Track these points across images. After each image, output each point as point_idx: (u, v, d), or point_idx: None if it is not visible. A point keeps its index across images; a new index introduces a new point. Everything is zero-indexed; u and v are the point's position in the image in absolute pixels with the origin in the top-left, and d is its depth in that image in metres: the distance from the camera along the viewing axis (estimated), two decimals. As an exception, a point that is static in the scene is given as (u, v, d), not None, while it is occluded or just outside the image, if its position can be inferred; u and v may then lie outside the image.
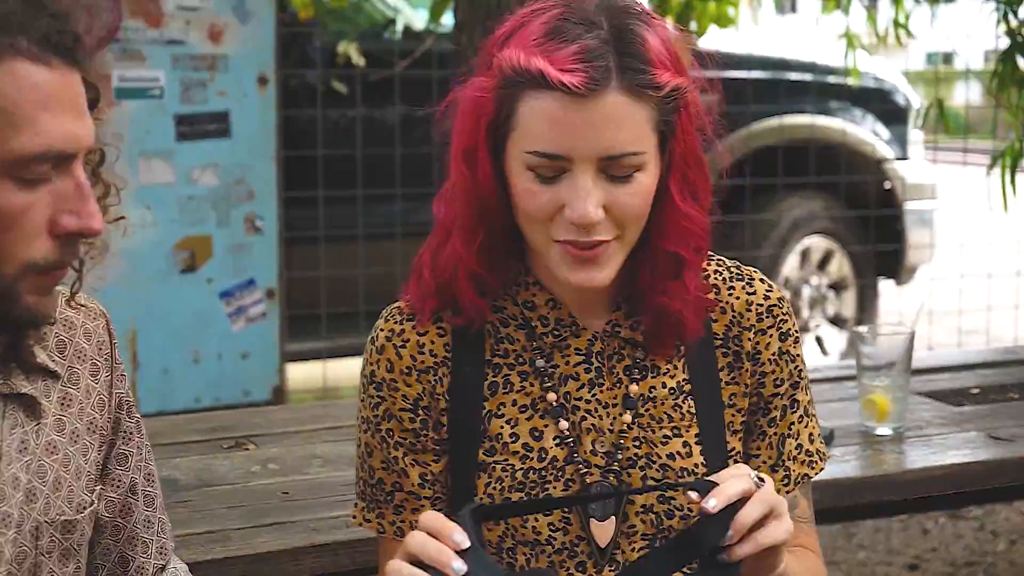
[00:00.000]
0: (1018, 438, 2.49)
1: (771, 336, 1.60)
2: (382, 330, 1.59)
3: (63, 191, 1.31)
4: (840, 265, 5.96)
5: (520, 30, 1.50)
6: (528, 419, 1.56)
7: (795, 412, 1.63)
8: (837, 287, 5.99)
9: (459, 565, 1.27)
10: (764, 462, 1.62)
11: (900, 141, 6.13)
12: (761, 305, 1.60)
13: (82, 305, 1.53)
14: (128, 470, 1.54)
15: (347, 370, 5.24)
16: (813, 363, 5.33)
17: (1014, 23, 4.03)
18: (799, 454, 1.63)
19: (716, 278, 1.61)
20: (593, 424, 1.55)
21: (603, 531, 1.54)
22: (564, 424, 1.55)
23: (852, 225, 5.97)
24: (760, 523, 1.34)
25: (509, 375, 1.57)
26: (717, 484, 1.34)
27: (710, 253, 1.60)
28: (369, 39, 5.34)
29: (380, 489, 1.59)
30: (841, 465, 2.36)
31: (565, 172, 1.45)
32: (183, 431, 2.57)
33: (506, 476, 1.54)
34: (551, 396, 1.55)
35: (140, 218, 4.26)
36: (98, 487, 1.50)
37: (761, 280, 1.63)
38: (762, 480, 1.37)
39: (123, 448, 1.55)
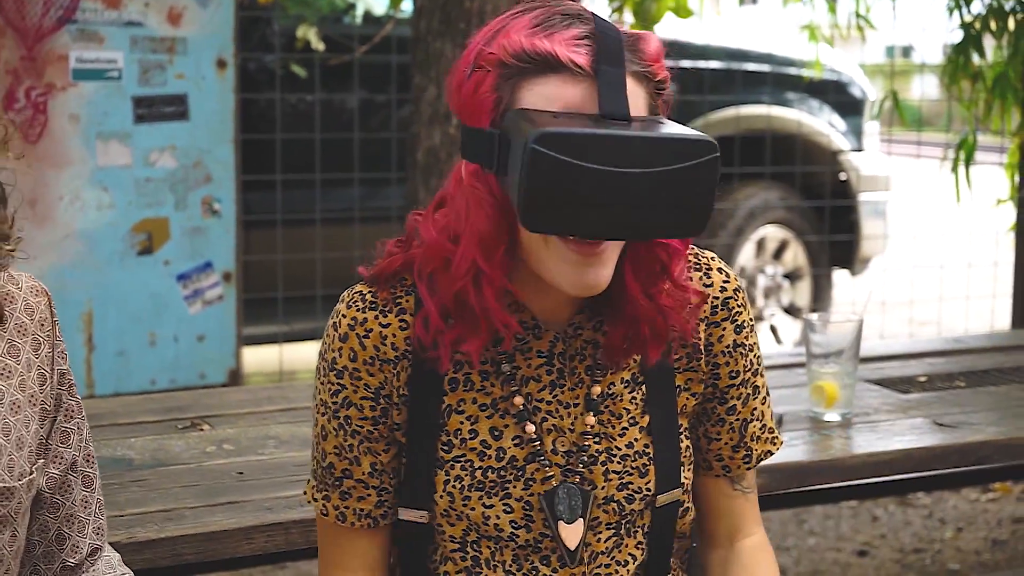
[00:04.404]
0: (962, 425, 2.53)
1: (726, 329, 1.62)
2: (344, 316, 1.57)
3: None
4: (795, 255, 6.01)
5: (506, 28, 1.46)
6: (488, 418, 1.55)
7: (756, 397, 1.67)
8: (792, 276, 6.04)
9: None
10: (726, 443, 1.66)
11: (856, 133, 6.19)
12: (717, 298, 1.62)
13: (24, 282, 1.54)
14: (70, 447, 1.56)
15: (303, 354, 5.25)
16: (766, 351, 5.39)
17: (968, 17, 4.08)
18: (762, 433, 1.68)
19: None
20: (554, 424, 1.56)
21: (572, 533, 1.55)
22: (531, 428, 1.55)
23: (807, 215, 6.02)
24: None
25: (470, 373, 1.56)
26: None
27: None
28: (329, 24, 5.34)
29: (330, 473, 1.60)
30: (789, 450, 2.38)
31: None
32: (138, 411, 2.58)
33: (465, 474, 1.55)
34: (518, 400, 1.55)
35: (97, 200, 4.25)
36: (40, 460, 1.52)
37: (719, 270, 1.63)
38: None
39: (65, 425, 1.56)
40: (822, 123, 6.08)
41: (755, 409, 1.67)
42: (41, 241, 4.12)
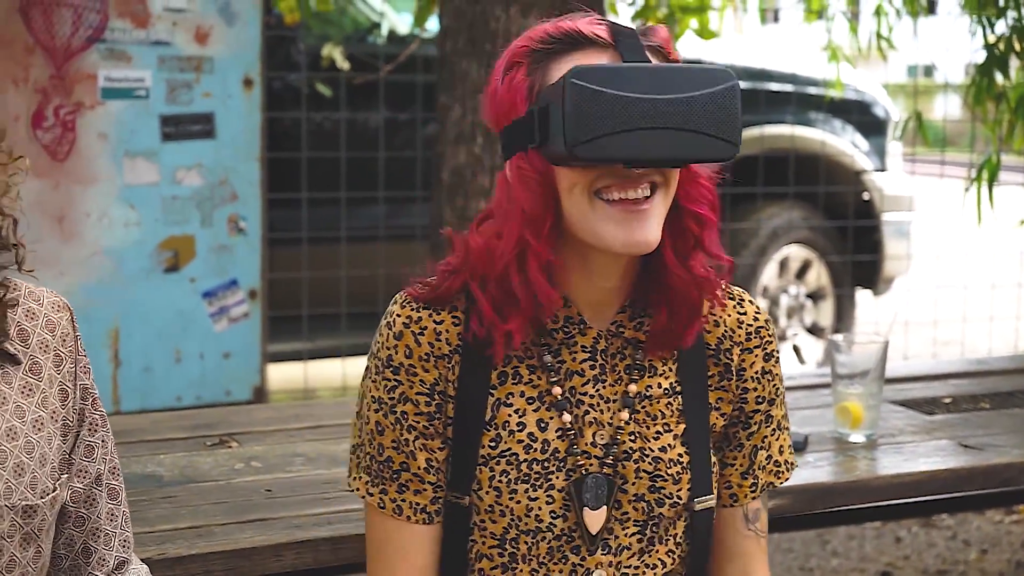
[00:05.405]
0: (987, 446, 2.53)
1: (756, 355, 1.71)
2: (399, 315, 1.63)
3: None
4: (818, 275, 6.00)
5: (527, 32, 1.59)
6: (535, 410, 1.62)
7: (768, 426, 1.74)
8: (815, 296, 6.04)
9: None
10: (737, 469, 1.73)
11: (879, 153, 6.18)
12: (751, 326, 1.72)
13: (45, 297, 1.55)
14: (94, 461, 1.57)
15: (327, 372, 5.27)
16: (790, 371, 5.38)
17: (991, 37, 4.08)
18: (768, 464, 1.75)
19: None
20: (595, 418, 1.63)
21: (595, 519, 1.62)
22: (567, 417, 1.62)
23: (830, 235, 6.02)
24: None
25: (519, 367, 1.63)
26: None
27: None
28: (354, 43, 5.37)
29: (388, 467, 1.64)
30: (814, 471, 2.40)
31: None
32: (166, 428, 2.60)
33: (511, 468, 1.61)
34: (556, 390, 1.62)
35: (124, 217, 4.28)
36: (63, 476, 1.52)
37: (750, 302, 1.74)
38: None
39: (89, 439, 1.57)
40: (845, 143, 6.08)
41: (765, 437, 1.74)
42: (68, 258, 4.15)
